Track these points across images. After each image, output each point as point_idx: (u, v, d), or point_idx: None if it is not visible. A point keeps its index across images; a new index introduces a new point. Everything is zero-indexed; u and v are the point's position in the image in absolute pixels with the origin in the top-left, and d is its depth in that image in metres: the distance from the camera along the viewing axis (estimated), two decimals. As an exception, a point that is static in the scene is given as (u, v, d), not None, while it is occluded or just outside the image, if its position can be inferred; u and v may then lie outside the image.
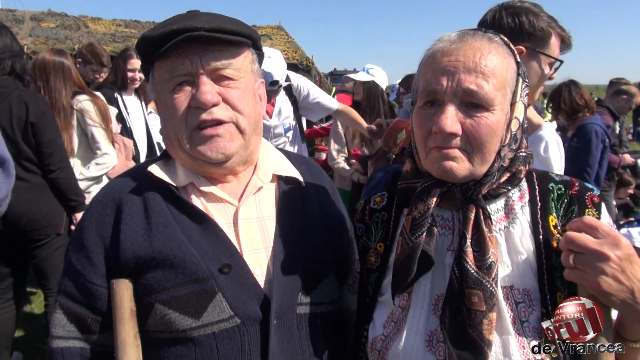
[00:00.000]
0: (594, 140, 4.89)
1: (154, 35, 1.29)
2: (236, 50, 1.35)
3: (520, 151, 1.25)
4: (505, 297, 1.19)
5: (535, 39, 1.96)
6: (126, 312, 1.27)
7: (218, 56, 1.31)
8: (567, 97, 5.21)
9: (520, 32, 1.95)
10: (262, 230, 1.39)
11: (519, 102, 1.22)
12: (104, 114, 3.99)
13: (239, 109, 1.33)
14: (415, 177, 1.30)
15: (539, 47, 1.97)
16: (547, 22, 1.98)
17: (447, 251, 1.26)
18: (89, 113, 3.91)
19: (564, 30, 2.03)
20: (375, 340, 1.29)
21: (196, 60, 1.29)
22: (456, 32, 1.23)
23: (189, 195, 1.37)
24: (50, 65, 3.85)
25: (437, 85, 1.17)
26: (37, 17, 10.81)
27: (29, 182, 3.42)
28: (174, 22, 1.30)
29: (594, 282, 1.07)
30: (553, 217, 1.25)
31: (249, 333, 1.27)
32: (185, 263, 1.26)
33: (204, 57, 1.30)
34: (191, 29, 1.26)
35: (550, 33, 1.98)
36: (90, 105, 3.92)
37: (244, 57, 1.37)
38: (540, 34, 1.97)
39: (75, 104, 3.89)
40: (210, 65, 1.30)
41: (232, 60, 1.33)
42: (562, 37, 2.03)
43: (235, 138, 1.34)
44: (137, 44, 1.37)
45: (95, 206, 1.36)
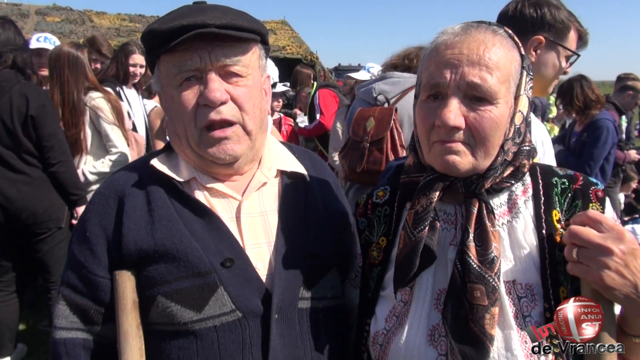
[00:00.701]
0: (604, 135, 4.88)
1: (163, 29, 1.27)
2: (245, 46, 1.33)
3: (524, 145, 1.24)
4: (508, 292, 1.19)
5: (555, 31, 1.99)
6: (129, 303, 1.27)
7: (227, 52, 1.29)
8: (579, 92, 5.19)
9: (542, 23, 1.99)
10: (265, 224, 1.39)
11: (523, 95, 1.21)
12: (118, 112, 3.96)
13: (246, 108, 1.32)
14: (418, 171, 1.29)
15: (558, 39, 2.00)
16: (567, 16, 2.01)
17: (449, 245, 1.25)
18: (104, 111, 3.88)
19: (581, 26, 2.06)
20: (377, 335, 1.29)
21: (205, 55, 1.27)
22: (460, 25, 1.22)
23: (192, 190, 1.36)
24: (65, 57, 3.83)
25: (440, 79, 1.16)
26: (42, 11, 10.83)
27: (30, 176, 3.43)
28: (183, 16, 1.27)
29: (597, 277, 1.06)
30: (557, 212, 1.24)
31: (250, 327, 1.27)
32: (188, 257, 1.26)
33: (213, 53, 1.28)
34: (201, 24, 1.24)
35: (570, 27, 2.01)
36: (104, 103, 3.90)
37: (252, 53, 1.36)
38: (560, 26, 1.99)
39: (89, 101, 3.86)
40: (219, 61, 1.28)
41: (241, 57, 1.31)
42: (579, 33, 2.05)
43: (242, 140, 1.33)
44: (144, 36, 1.35)
45: (98, 198, 1.36)
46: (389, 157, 2.98)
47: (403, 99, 3.14)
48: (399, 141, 3.01)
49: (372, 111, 3.12)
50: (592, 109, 5.15)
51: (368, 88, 3.31)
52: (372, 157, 2.98)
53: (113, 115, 3.90)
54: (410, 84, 3.12)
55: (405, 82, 3.17)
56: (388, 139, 2.99)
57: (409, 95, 3.10)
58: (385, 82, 3.23)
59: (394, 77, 3.23)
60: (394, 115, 3.02)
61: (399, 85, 3.18)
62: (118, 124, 3.94)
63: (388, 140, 2.99)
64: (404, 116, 3.09)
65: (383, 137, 2.99)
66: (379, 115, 3.07)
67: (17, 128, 3.32)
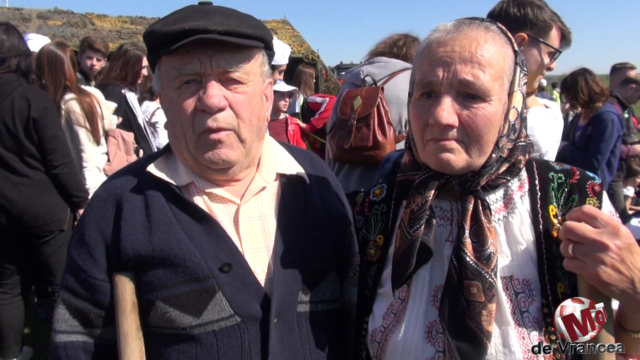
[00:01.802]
0: (609, 128, 4.86)
1: (164, 31, 1.25)
2: (248, 53, 1.31)
3: (519, 141, 1.24)
4: (505, 288, 1.18)
5: (537, 29, 2.14)
6: (128, 305, 1.28)
7: (229, 59, 1.27)
8: (584, 86, 5.17)
9: (524, 21, 2.14)
10: (264, 228, 1.38)
11: (517, 92, 1.20)
12: (89, 113, 3.92)
13: (243, 116, 1.30)
14: (414, 170, 1.29)
15: (540, 36, 2.14)
16: (550, 15, 2.17)
17: (445, 242, 1.25)
18: (75, 114, 3.87)
19: (564, 25, 2.21)
20: (375, 332, 1.29)
21: (205, 60, 1.25)
22: (452, 22, 1.22)
23: (190, 194, 1.36)
24: (45, 56, 3.83)
25: (433, 77, 1.16)
26: (44, 15, 10.86)
27: (32, 178, 3.44)
28: (186, 19, 1.25)
29: (593, 273, 1.06)
30: (553, 207, 1.24)
31: (249, 331, 1.27)
32: (186, 262, 1.26)
33: (214, 58, 1.25)
34: (203, 30, 1.21)
35: (552, 25, 2.16)
36: (75, 105, 3.88)
37: (255, 60, 1.33)
38: (542, 24, 2.14)
39: (63, 103, 3.85)
40: (220, 67, 1.26)
41: (242, 64, 1.29)
42: (562, 32, 2.21)
43: (235, 146, 1.32)
44: (146, 36, 1.33)
45: (96, 202, 1.36)
46: (377, 134, 3.01)
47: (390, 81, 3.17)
48: (386, 118, 3.05)
49: (359, 91, 3.15)
50: (596, 102, 5.13)
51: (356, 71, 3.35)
52: (359, 133, 3.01)
53: (83, 117, 3.89)
54: (399, 67, 3.16)
55: (393, 66, 3.20)
56: (375, 115, 3.03)
57: (396, 78, 3.14)
58: (373, 66, 3.26)
59: (381, 62, 3.27)
60: (380, 93, 3.06)
61: (386, 69, 3.21)
62: (88, 127, 3.92)
63: (375, 116, 3.03)
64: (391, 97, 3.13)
65: (370, 113, 3.03)
66: (365, 94, 3.10)
67: (19, 130, 3.34)
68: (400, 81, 3.10)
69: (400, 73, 3.14)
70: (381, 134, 3.01)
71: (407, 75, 3.14)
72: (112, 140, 4.27)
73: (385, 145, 3.01)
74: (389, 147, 3.02)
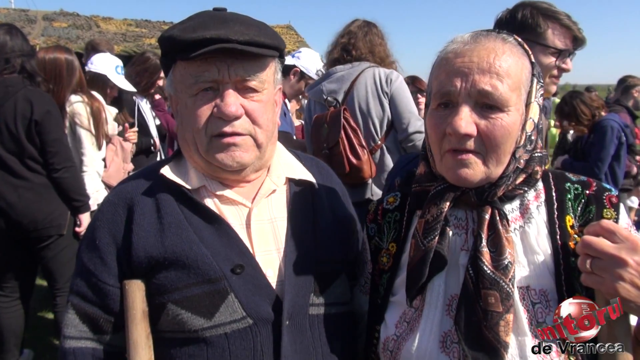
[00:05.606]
0: (608, 134, 4.88)
1: (184, 38, 1.26)
2: (264, 62, 1.34)
3: (535, 152, 1.24)
4: (522, 298, 1.17)
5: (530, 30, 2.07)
6: (138, 313, 1.27)
7: (247, 67, 1.29)
8: (583, 107, 5.18)
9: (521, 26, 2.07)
10: (274, 231, 1.39)
11: (534, 103, 1.20)
12: (96, 118, 3.89)
13: (259, 122, 1.33)
14: (429, 180, 1.29)
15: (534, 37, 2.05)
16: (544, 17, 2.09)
17: (460, 251, 1.25)
18: (80, 117, 3.83)
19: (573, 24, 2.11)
20: (387, 340, 1.29)
21: (224, 69, 1.27)
22: (469, 33, 1.22)
23: (201, 197, 1.36)
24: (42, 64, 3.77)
25: (450, 87, 1.16)
26: (49, 17, 10.94)
27: (32, 182, 3.39)
28: (206, 27, 1.26)
29: (611, 288, 1.05)
30: (570, 217, 1.23)
31: (262, 334, 1.27)
32: (198, 263, 1.26)
33: (232, 67, 1.27)
34: (225, 39, 1.23)
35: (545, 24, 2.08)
36: (81, 108, 3.84)
37: (270, 69, 1.36)
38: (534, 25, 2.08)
39: (68, 105, 3.82)
40: (238, 75, 1.28)
41: (259, 73, 1.32)
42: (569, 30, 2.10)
43: (250, 150, 1.34)
44: (162, 40, 1.33)
45: (107, 206, 1.36)
46: (350, 159, 3.07)
47: (351, 92, 3.22)
48: (357, 140, 3.11)
49: (324, 117, 3.22)
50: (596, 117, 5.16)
51: (317, 89, 3.39)
52: (334, 161, 3.05)
53: (89, 121, 3.84)
54: (355, 74, 3.22)
55: (350, 75, 3.25)
56: (344, 141, 3.09)
57: (356, 87, 3.20)
58: (331, 81, 3.31)
59: (337, 73, 3.31)
60: (342, 116, 3.11)
61: (344, 81, 3.26)
62: (92, 131, 3.87)
63: (344, 142, 3.09)
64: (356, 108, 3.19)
65: (337, 141, 3.10)
66: (330, 120, 3.17)
67: (21, 133, 3.30)
68: (360, 89, 3.16)
69: (357, 78, 3.20)
70: (354, 158, 3.07)
71: (365, 78, 3.20)
72: (111, 146, 4.23)
73: (361, 166, 3.07)
74: (365, 167, 3.07)
